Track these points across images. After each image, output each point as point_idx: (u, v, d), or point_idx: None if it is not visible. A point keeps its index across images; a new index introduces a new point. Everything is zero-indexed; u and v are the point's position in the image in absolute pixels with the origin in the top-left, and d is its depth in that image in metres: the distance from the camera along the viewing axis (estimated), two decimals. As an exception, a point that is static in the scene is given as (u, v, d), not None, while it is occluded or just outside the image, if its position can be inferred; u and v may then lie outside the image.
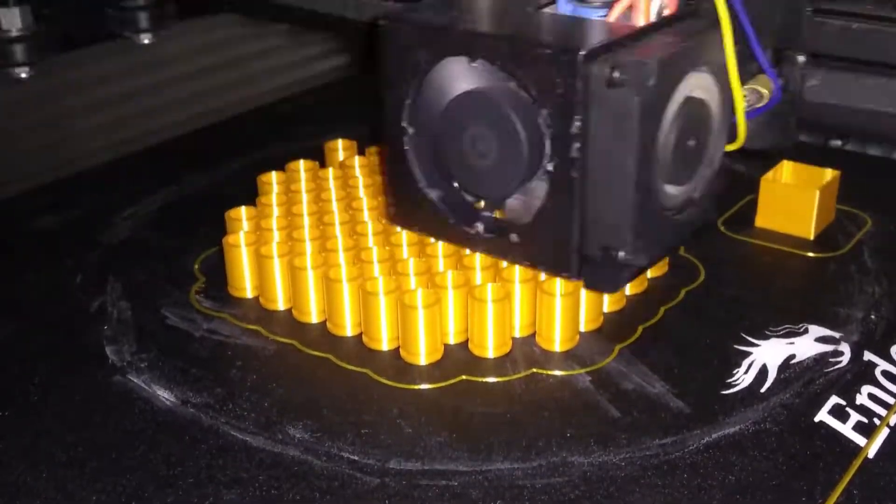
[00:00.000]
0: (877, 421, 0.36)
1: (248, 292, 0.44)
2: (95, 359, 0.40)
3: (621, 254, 0.36)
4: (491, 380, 0.39)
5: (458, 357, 0.40)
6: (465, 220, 0.40)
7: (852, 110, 0.43)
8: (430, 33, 0.38)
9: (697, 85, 0.37)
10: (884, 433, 0.36)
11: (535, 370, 0.39)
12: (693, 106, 0.37)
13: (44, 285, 0.46)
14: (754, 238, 0.49)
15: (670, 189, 0.38)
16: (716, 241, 0.49)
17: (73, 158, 0.62)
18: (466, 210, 0.40)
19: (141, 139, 0.64)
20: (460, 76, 0.38)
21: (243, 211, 0.46)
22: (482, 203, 0.40)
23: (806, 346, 0.40)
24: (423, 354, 0.40)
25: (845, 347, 0.40)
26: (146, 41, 0.79)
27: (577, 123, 0.35)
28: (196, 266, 0.47)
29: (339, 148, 0.55)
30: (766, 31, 0.41)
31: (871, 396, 0.38)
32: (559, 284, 0.40)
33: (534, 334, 0.41)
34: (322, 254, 0.43)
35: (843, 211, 0.51)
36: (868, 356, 0.40)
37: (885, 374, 0.39)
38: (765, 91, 0.41)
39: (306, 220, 0.46)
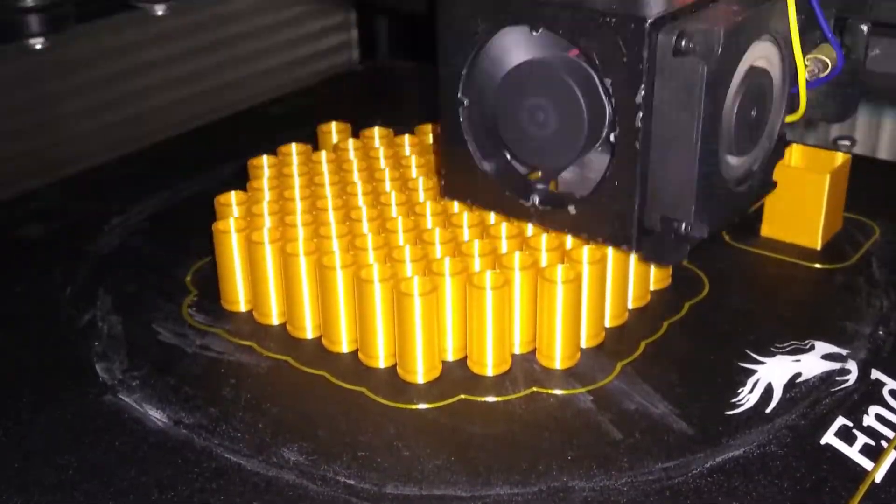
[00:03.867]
0: (884, 444, 0.36)
1: (242, 306, 0.44)
2: (85, 376, 0.39)
3: (683, 225, 0.36)
4: (490, 399, 0.38)
5: (457, 375, 0.39)
6: (521, 192, 0.40)
7: None
8: (489, 3, 0.38)
9: (761, 54, 0.37)
10: (891, 457, 0.35)
11: (535, 389, 0.38)
12: (756, 76, 0.37)
13: (31, 298, 0.45)
14: (759, 248, 0.48)
15: (732, 160, 0.38)
16: (720, 251, 0.48)
17: (61, 163, 0.61)
18: (521, 182, 0.41)
19: (131, 142, 0.63)
20: (519, 46, 0.38)
21: (233, 196, 0.45)
22: (537, 174, 0.40)
23: (812, 363, 0.39)
24: (420, 372, 0.39)
25: (852, 365, 0.39)
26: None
27: (643, 93, 0.35)
28: (188, 278, 0.46)
29: (333, 131, 0.53)
30: (829, 0, 0.40)
31: (879, 417, 0.37)
32: (560, 296, 0.39)
33: (534, 351, 0.40)
34: (315, 240, 0.42)
35: (850, 219, 0.50)
36: (875, 374, 0.39)
37: (893, 393, 0.38)
38: (828, 60, 0.40)
39: (298, 206, 0.44)
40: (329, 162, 0.48)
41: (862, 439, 0.36)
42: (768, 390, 0.38)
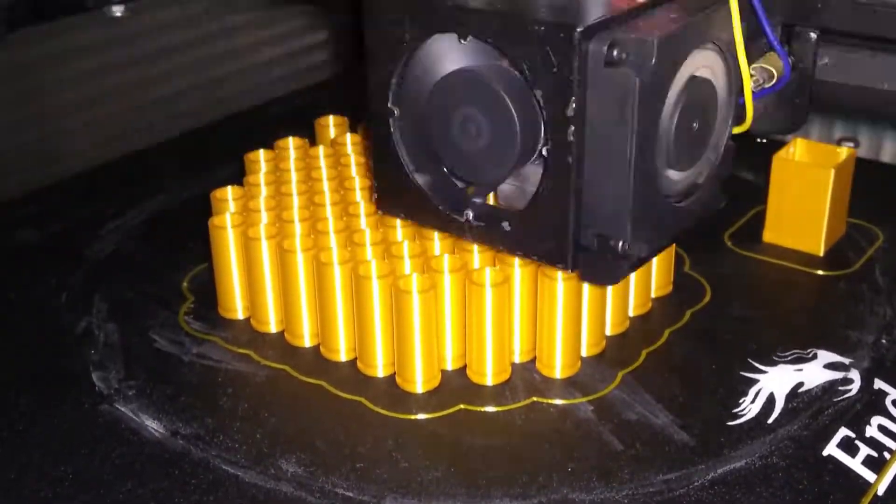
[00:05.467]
0: (887, 455, 0.35)
1: (239, 313, 0.43)
2: (82, 385, 0.39)
3: (620, 243, 0.34)
4: (490, 409, 0.38)
5: (456, 384, 0.39)
6: (455, 206, 0.38)
7: (866, 90, 0.40)
8: (416, 7, 0.36)
9: (702, 63, 0.35)
10: (894, 469, 0.35)
11: (535, 399, 0.38)
12: (697, 86, 0.35)
13: (26, 305, 0.45)
14: (762, 254, 0.47)
15: (673, 174, 0.36)
16: (722, 257, 0.47)
17: (55, 165, 0.60)
18: (456, 196, 0.38)
19: (127, 144, 0.62)
20: (449, 54, 0.36)
21: (229, 191, 0.45)
22: (472, 189, 0.38)
23: (814, 372, 0.39)
24: (419, 382, 0.39)
25: (855, 374, 0.39)
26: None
27: (574, 105, 0.33)
28: (185, 284, 0.46)
29: (331, 125, 0.52)
30: (776, 6, 0.39)
31: (882, 428, 0.37)
32: (561, 293, 0.38)
33: (534, 360, 0.40)
34: (312, 236, 0.41)
35: (853, 224, 0.49)
36: (879, 384, 0.39)
37: (896, 403, 0.38)
38: (774, 70, 0.38)
39: (296, 201, 0.44)
40: (326, 157, 0.48)
41: (864, 451, 0.35)
42: (770, 400, 0.38)
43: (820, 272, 0.46)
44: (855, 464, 0.35)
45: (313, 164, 0.47)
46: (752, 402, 0.38)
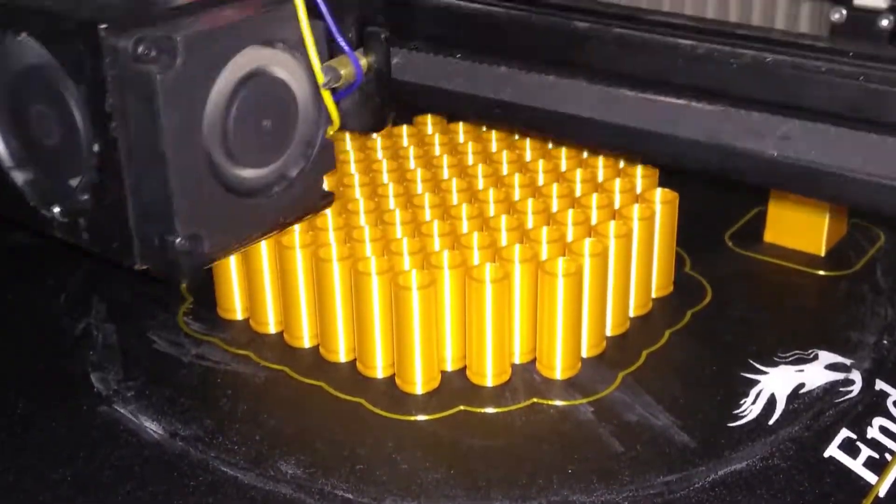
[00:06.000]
0: (888, 456, 0.35)
1: (238, 314, 0.43)
2: (81, 387, 0.39)
3: (178, 240, 0.34)
4: (490, 410, 0.38)
5: (456, 385, 0.39)
6: (45, 202, 0.37)
7: (438, 91, 0.40)
8: None
9: (269, 61, 0.36)
10: (895, 470, 0.35)
11: (535, 400, 0.38)
12: (262, 84, 0.35)
13: (24, 306, 0.45)
14: (763, 254, 0.47)
15: (245, 172, 0.36)
16: (723, 257, 0.47)
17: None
18: (48, 192, 0.38)
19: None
20: (15, 53, 0.36)
21: None
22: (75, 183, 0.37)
23: (816, 373, 0.39)
24: (419, 383, 0.38)
25: (856, 375, 0.39)
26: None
27: (111, 100, 0.33)
28: (184, 284, 0.45)
29: None
30: (348, 6, 0.39)
31: (883, 430, 0.37)
32: (561, 290, 0.38)
33: (534, 361, 0.40)
34: (310, 232, 0.41)
35: (855, 225, 0.49)
36: (880, 385, 0.39)
37: (897, 404, 0.38)
38: (343, 71, 0.38)
39: None
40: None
41: (866, 452, 0.35)
42: (771, 401, 0.38)
43: (821, 272, 0.46)
44: (856, 465, 0.35)
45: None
46: (753, 403, 0.38)
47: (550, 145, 0.48)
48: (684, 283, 0.45)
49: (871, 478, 0.34)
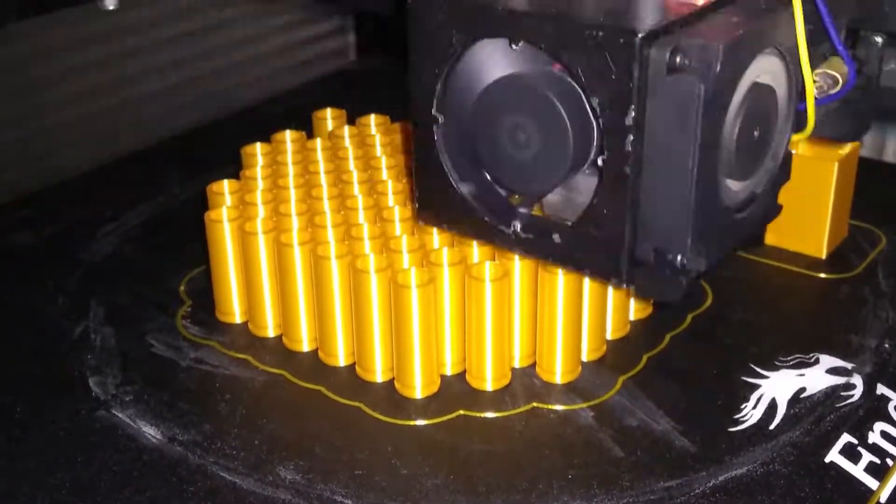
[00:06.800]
0: (890, 462, 0.35)
1: (237, 317, 0.43)
2: (78, 391, 0.39)
3: (679, 258, 0.33)
4: (490, 415, 0.37)
5: (456, 390, 0.39)
6: (501, 217, 0.37)
7: None
8: (465, 12, 0.35)
9: (764, 69, 0.34)
10: (897, 475, 0.35)
11: (535, 404, 0.38)
12: (760, 93, 0.34)
13: (22, 309, 0.45)
14: (764, 257, 0.47)
15: (733, 185, 0.35)
16: (724, 260, 0.47)
17: (50, 167, 0.60)
18: (502, 207, 0.37)
19: (125, 145, 0.61)
20: (498, 60, 0.35)
21: (226, 185, 0.44)
22: (517, 198, 0.37)
23: (817, 377, 0.39)
24: (418, 387, 0.38)
25: (857, 380, 0.39)
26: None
27: (633, 114, 0.32)
28: (182, 287, 0.45)
29: (328, 117, 0.52)
30: (840, 10, 0.37)
31: (885, 434, 0.36)
32: (562, 288, 0.38)
33: (534, 365, 0.40)
34: (309, 230, 0.41)
35: (856, 227, 0.49)
36: (881, 389, 0.38)
37: (899, 408, 0.38)
38: (838, 75, 0.37)
39: (293, 194, 0.43)
40: (324, 150, 0.47)
41: (867, 457, 0.35)
42: (772, 406, 0.37)
43: (822, 275, 0.46)
44: (857, 471, 0.35)
45: (310, 157, 0.47)
46: (754, 407, 0.37)
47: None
48: (685, 285, 0.45)
49: (872, 483, 0.34)
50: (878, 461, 0.35)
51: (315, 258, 0.39)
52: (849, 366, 0.39)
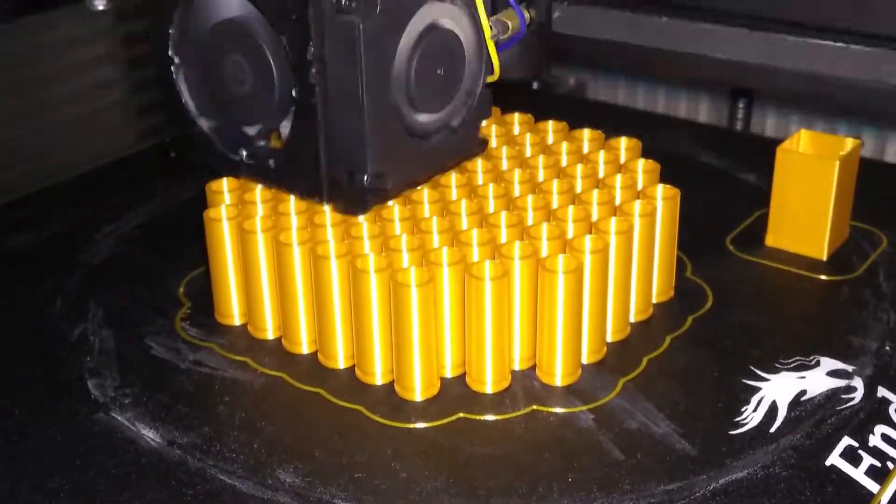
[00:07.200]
0: (890, 465, 0.35)
1: (236, 319, 0.43)
2: (77, 393, 0.39)
3: (364, 177, 0.38)
4: (489, 418, 0.37)
5: (455, 392, 0.38)
6: (233, 148, 0.41)
7: (597, 42, 0.45)
8: None
9: (444, 14, 0.39)
10: (898, 478, 0.35)
11: (535, 407, 0.38)
12: (438, 35, 0.39)
13: (20, 311, 0.45)
14: (764, 259, 0.47)
15: (422, 116, 0.40)
16: (724, 262, 0.47)
17: (49, 168, 0.59)
18: (235, 139, 0.41)
19: (124, 146, 0.61)
20: (221, 4, 0.40)
21: (225, 183, 0.44)
22: (253, 131, 0.41)
23: (817, 380, 0.39)
24: (418, 389, 0.38)
25: (858, 382, 0.39)
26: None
27: (312, 49, 0.36)
28: (181, 290, 0.45)
29: None
30: None
31: (885, 437, 0.36)
32: (562, 287, 0.38)
33: (534, 367, 0.40)
34: (309, 229, 0.41)
35: (857, 228, 0.49)
36: (882, 392, 0.38)
37: (900, 411, 0.38)
38: (510, 23, 0.43)
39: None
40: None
41: (868, 460, 0.35)
42: (773, 408, 0.37)
43: (823, 277, 0.46)
44: (858, 474, 0.35)
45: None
46: (755, 410, 0.37)
47: (551, 140, 0.48)
48: (685, 287, 0.44)
49: (873, 486, 0.34)
50: (878, 464, 0.35)
51: (314, 257, 0.39)
52: (850, 368, 0.39)
